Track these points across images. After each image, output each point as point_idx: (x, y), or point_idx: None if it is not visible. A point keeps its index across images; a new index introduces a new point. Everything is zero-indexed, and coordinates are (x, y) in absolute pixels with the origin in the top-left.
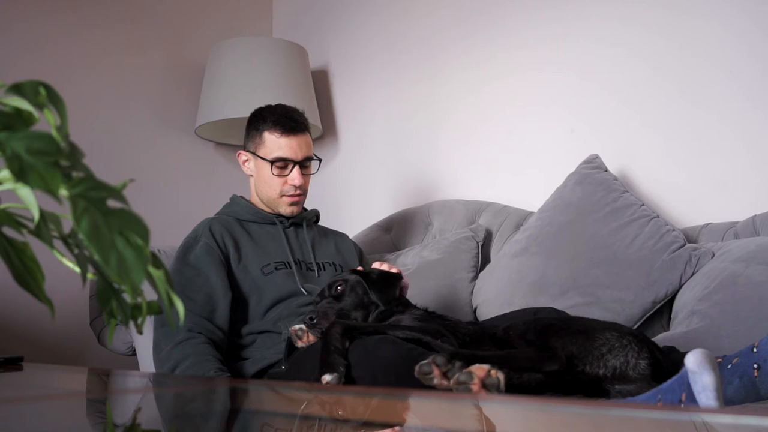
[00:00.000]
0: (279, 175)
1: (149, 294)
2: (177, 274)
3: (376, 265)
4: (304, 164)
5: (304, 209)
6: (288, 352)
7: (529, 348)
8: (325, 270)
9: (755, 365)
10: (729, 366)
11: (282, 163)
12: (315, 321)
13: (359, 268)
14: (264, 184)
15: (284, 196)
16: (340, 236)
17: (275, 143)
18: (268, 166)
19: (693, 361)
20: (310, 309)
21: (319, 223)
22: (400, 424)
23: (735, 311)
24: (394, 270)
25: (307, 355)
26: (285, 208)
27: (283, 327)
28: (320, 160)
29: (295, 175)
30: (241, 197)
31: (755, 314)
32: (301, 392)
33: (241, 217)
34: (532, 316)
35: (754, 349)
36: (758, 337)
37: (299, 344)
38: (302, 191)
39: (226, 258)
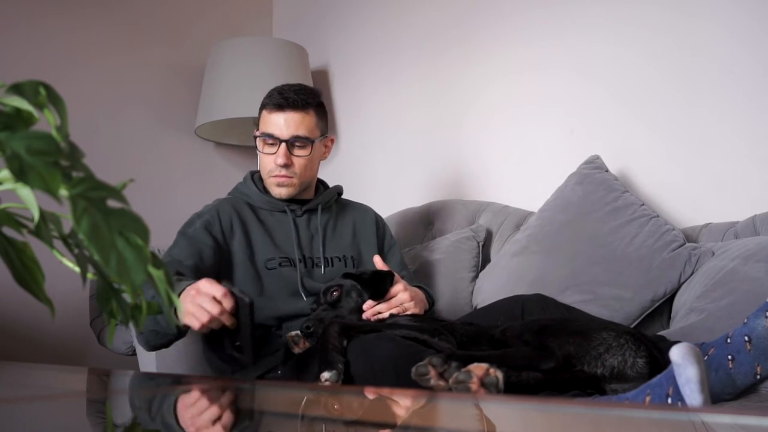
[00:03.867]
0: (267, 153)
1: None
2: (173, 244)
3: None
4: (294, 144)
5: (325, 187)
6: (285, 357)
7: (525, 347)
8: (332, 266)
9: (729, 356)
10: (705, 357)
11: (271, 140)
12: (311, 330)
13: (358, 270)
14: (260, 162)
15: (271, 176)
16: (361, 211)
17: (266, 119)
18: (260, 142)
19: (677, 354)
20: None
21: (338, 212)
22: (399, 424)
23: (731, 306)
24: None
25: (303, 359)
26: (273, 189)
27: (284, 330)
28: (312, 141)
29: (279, 153)
30: (259, 176)
31: (751, 309)
32: (300, 391)
33: (252, 203)
34: (520, 304)
35: (728, 340)
36: None
37: (296, 350)
38: (292, 173)
39: (228, 239)
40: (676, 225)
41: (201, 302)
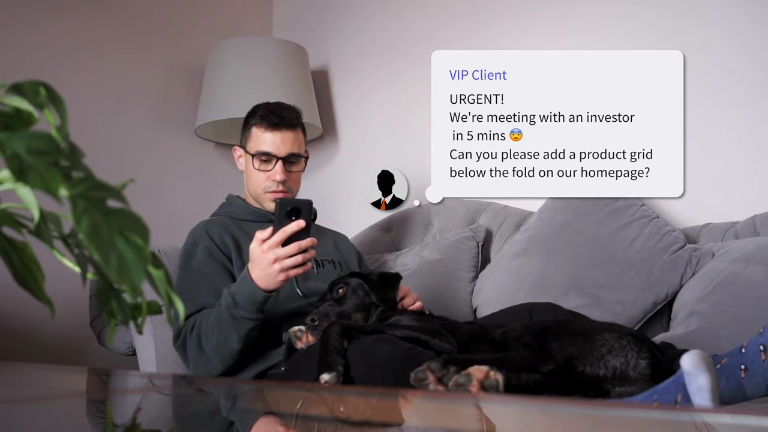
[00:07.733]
0: (261, 170)
1: (149, 294)
2: (182, 283)
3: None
4: (289, 160)
5: None
6: (288, 353)
7: (524, 350)
8: (324, 267)
9: (742, 366)
10: (718, 366)
11: (265, 158)
12: (316, 323)
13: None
14: (249, 178)
15: (267, 192)
16: (339, 236)
17: (260, 137)
18: (255, 160)
19: (688, 362)
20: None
21: (317, 223)
22: (400, 424)
23: (733, 311)
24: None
25: (306, 355)
26: (269, 204)
27: (284, 329)
28: (306, 157)
29: (276, 170)
30: (237, 196)
31: (754, 314)
32: (300, 392)
33: (237, 216)
34: (528, 311)
35: (743, 350)
36: None
37: (298, 345)
38: (287, 188)
39: (228, 257)
40: (676, 225)
41: (276, 254)
